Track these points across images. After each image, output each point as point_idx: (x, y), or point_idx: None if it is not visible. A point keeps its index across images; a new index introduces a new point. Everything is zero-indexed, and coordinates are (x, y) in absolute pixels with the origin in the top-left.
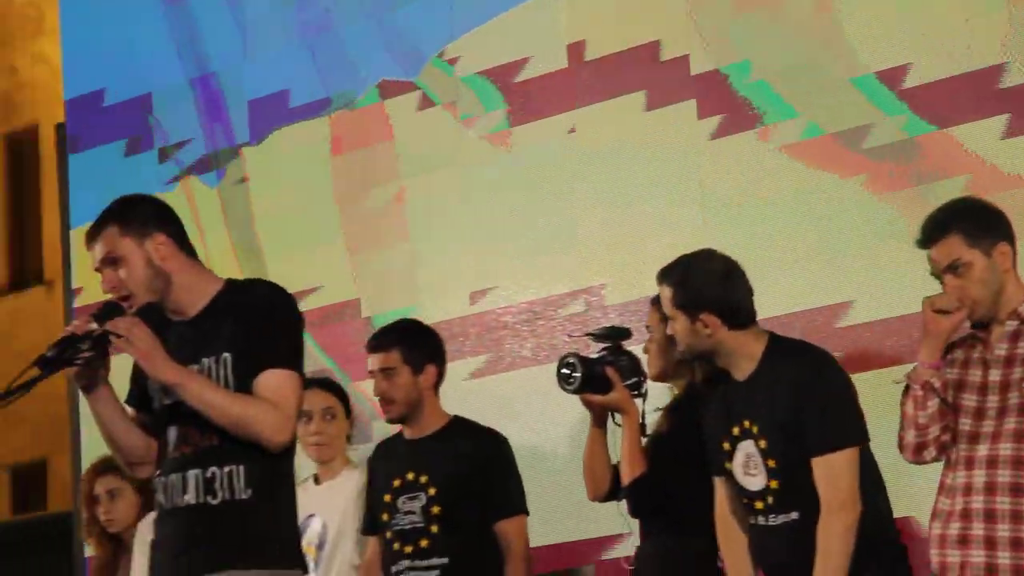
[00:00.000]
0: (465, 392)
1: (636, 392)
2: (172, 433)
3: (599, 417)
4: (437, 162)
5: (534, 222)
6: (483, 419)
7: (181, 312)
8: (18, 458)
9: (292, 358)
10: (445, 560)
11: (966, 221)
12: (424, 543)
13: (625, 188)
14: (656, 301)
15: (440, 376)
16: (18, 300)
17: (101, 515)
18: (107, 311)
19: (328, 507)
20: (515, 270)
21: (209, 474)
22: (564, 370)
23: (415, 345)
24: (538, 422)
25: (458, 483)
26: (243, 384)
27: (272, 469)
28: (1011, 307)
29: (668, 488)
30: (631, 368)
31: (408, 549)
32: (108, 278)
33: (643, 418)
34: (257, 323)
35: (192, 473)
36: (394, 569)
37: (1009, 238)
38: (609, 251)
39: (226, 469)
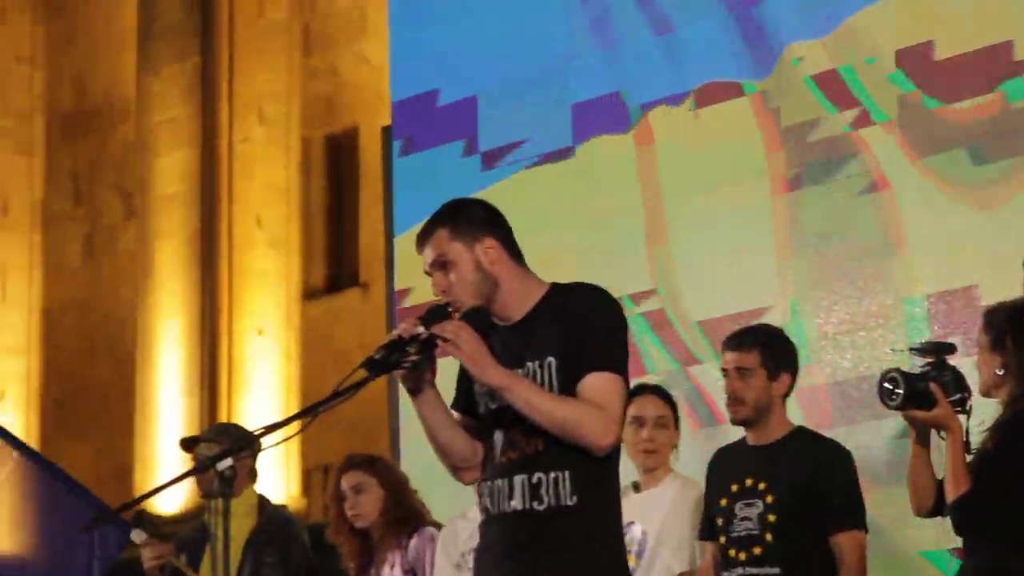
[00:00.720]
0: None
1: (960, 408)
2: (498, 438)
3: (922, 433)
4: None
5: (856, 228)
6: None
7: (507, 316)
8: (332, 459)
9: (617, 361)
10: (777, 570)
11: None
12: (757, 551)
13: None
14: (988, 314)
15: (791, 387)
16: (335, 302)
17: (348, 510)
18: (434, 314)
19: (649, 515)
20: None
21: (535, 480)
22: (887, 385)
23: (776, 351)
24: (860, 435)
25: (797, 493)
26: (567, 388)
27: (598, 475)
28: None
29: (994, 506)
30: (955, 384)
31: (742, 556)
32: (438, 281)
33: (967, 435)
34: (582, 327)
35: (518, 479)
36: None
37: None
38: (937, 256)
39: (552, 475)
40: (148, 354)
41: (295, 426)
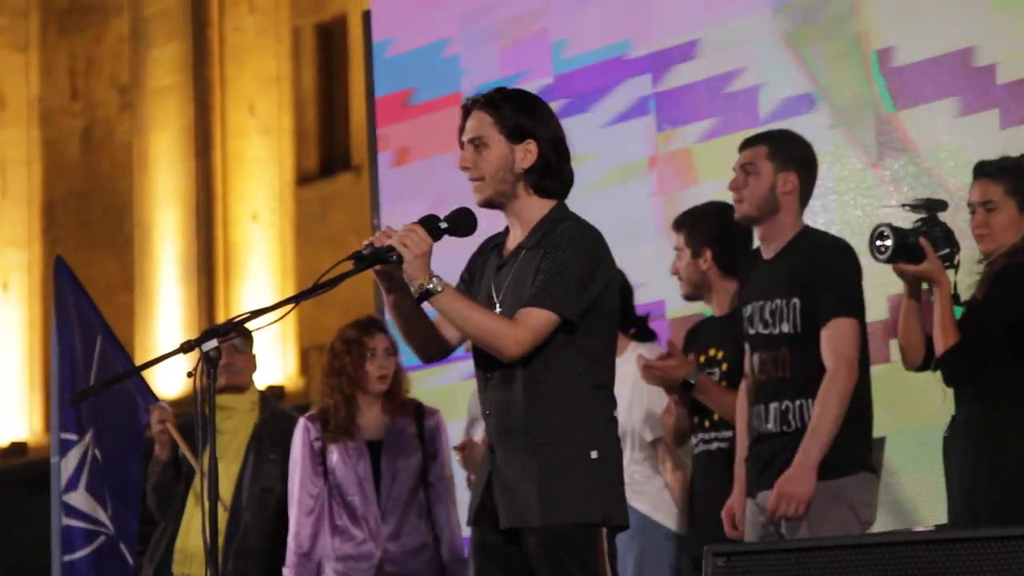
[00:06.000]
0: None
1: (948, 263)
2: None
3: (912, 287)
4: None
5: None
6: None
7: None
8: (327, 338)
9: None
10: None
11: None
12: None
13: None
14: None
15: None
16: (328, 186)
17: (377, 369)
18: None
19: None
20: None
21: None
22: (877, 240)
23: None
24: None
25: None
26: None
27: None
28: None
29: (982, 357)
30: (944, 238)
31: None
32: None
33: (955, 288)
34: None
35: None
36: None
37: None
38: None
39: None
40: (147, 243)
41: (282, 311)
